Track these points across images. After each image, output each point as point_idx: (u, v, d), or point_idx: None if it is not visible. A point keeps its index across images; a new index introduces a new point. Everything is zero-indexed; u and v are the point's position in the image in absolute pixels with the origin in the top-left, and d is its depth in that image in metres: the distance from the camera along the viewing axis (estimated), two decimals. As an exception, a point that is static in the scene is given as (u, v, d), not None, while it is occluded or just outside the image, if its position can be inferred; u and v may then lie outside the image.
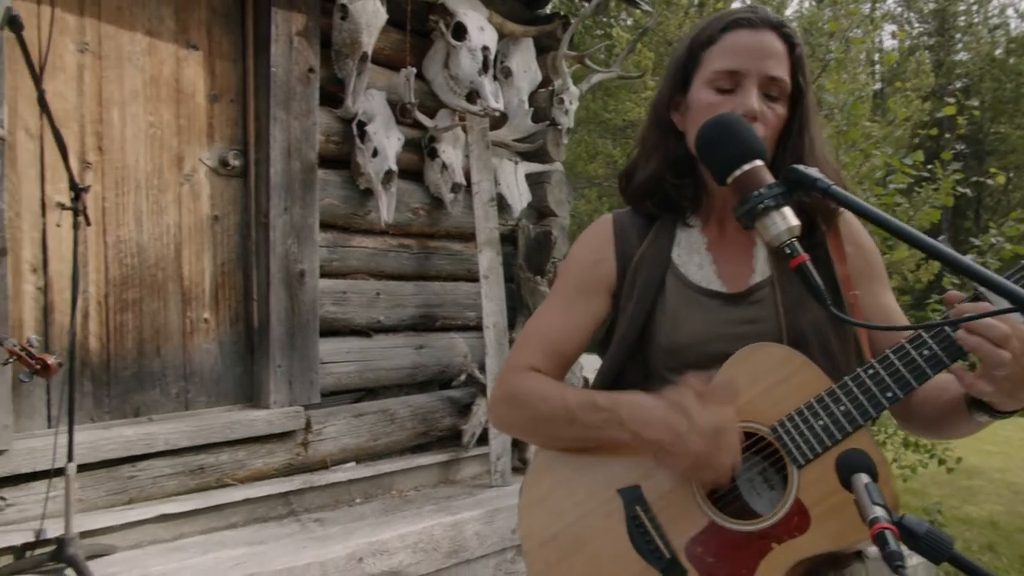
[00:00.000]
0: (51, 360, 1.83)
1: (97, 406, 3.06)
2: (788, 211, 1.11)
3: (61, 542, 2.60)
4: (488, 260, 3.86)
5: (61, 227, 2.95)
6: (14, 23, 2.17)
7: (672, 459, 1.16)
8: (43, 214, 2.93)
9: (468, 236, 4.17)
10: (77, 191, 2.66)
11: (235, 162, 3.39)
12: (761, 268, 1.35)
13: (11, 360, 1.83)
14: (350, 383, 3.67)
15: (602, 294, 1.40)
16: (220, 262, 3.39)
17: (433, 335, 4.02)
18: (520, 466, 3.89)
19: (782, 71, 1.29)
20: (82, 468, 2.71)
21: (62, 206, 2.73)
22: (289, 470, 3.38)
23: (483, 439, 3.90)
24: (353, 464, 3.57)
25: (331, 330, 3.59)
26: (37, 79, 2.39)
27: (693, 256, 1.38)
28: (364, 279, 3.76)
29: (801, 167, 1.12)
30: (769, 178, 1.13)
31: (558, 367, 1.39)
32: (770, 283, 1.32)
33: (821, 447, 1.14)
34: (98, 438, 2.86)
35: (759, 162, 1.14)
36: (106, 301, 3.08)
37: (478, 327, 4.25)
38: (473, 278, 4.21)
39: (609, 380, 1.37)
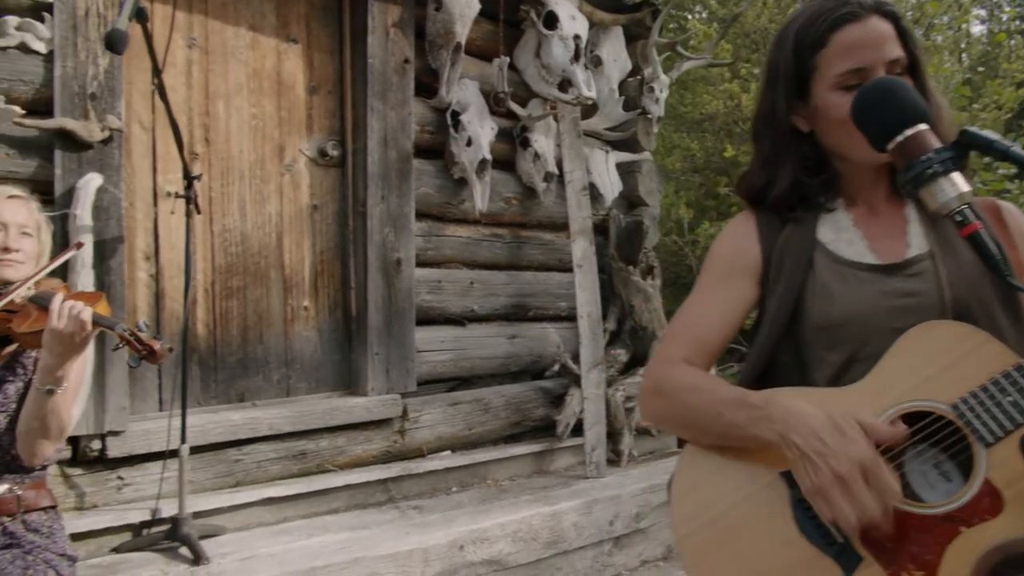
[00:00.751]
0: (158, 346, 1.86)
1: (204, 391, 3.13)
2: (958, 176, 1.05)
3: (176, 521, 2.67)
4: (581, 249, 3.83)
5: (173, 215, 3.03)
6: (141, 15, 2.24)
7: (812, 471, 1.07)
8: (155, 204, 3.02)
9: (559, 226, 4.14)
10: (190, 179, 2.73)
11: (333, 152, 3.44)
12: (917, 242, 1.28)
13: (121, 345, 1.87)
14: (445, 372, 3.68)
15: (748, 280, 1.36)
16: (319, 250, 3.44)
17: (525, 325, 4.01)
18: (614, 458, 3.85)
19: (898, 50, 1.26)
20: (192, 451, 2.77)
21: (176, 195, 2.81)
22: (386, 457, 3.41)
23: (576, 430, 3.86)
24: (448, 453, 3.58)
25: (426, 319, 3.61)
26: (158, 70, 2.46)
27: (842, 234, 1.33)
28: (458, 268, 3.77)
29: (973, 129, 1.06)
30: (936, 142, 1.07)
31: (706, 358, 1.34)
32: (929, 256, 1.26)
33: (1012, 424, 1.06)
34: (206, 422, 2.93)
35: (924, 126, 1.09)
36: (212, 288, 3.16)
37: (570, 317, 4.22)
38: (565, 268, 4.18)
39: (760, 368, 1.32)
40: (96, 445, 2.73)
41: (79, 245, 2.51)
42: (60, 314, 1.86)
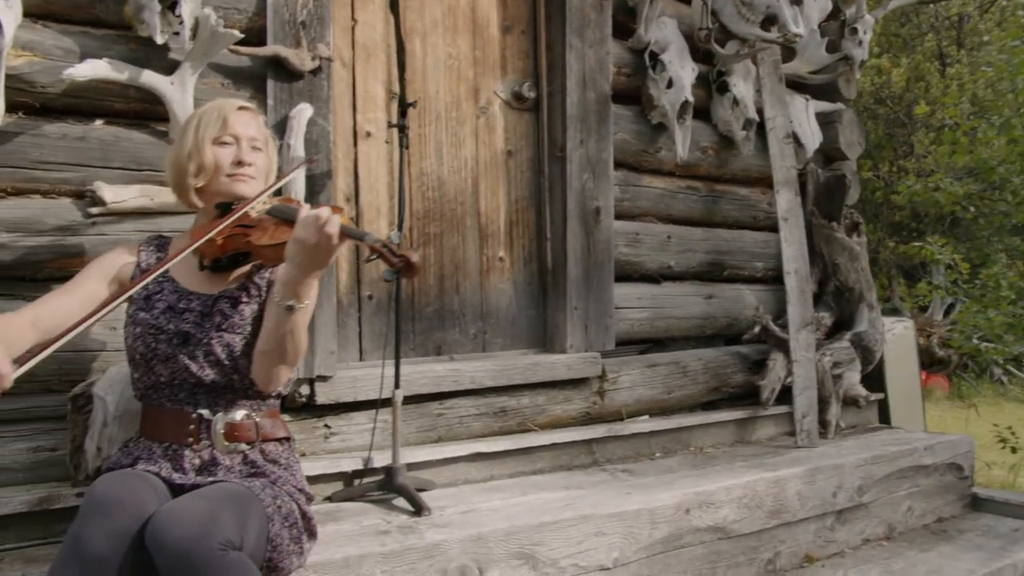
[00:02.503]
0: (415, 257, 1.68)
1: (404, 342, 2.97)
2: None
3: (390, 471, 2.52)
4: (786, 201, 3.52)
5: (371, 157, 2.90)
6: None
7: None
8: (355, 144, 2.89)
9: (754, 180, 3.84)
10: (404, 107, 2.57)
11: (529, 94, 3.24)
12: None
13: (373, 257, 1.69)
14: (641, 331, 3.43)
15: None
16: (514, 199, 3.25)
17: (720, 285, 3.72)
18: (820, 429, 3.51)
19: None
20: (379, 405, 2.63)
21: (389, 124, 2.66)
22: (585, 419, 3.19)
23: (779, 398, 3.55)
24: (646, 417, 3.33)
25: (622, 274, 3.36)
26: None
27: None
28: (652, 221, 3.52)
29: None
30: None
31: None
32: None
33: None
34: (410, 372, 2.77)
35: None
36: (410, 234, 3.01)
37: (764, 279, 3.91)
38: (758, 226, 3.87)
39: None
40: (304, 390, 2.60)
41: (311, 161, 2.39)
42: (307, 223, 1.70)
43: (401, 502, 2.49)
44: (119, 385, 2.22)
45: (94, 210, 2.33)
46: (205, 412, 1.88)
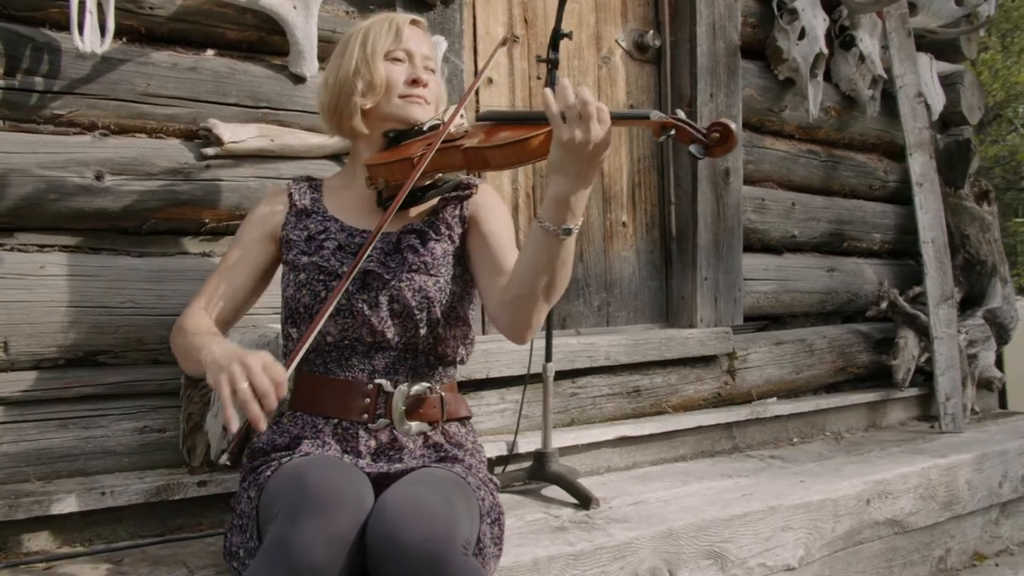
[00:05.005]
0: (731, 124, 1.31)
1: (526, 314, 2.66)
2: None
3: (541, 457, 2.20)
4: (920, 165, 3.23)
5: (491, 106, 2.57)
6: None
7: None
8: (476, 90, 2.56)
9: (871, 146, 3.55)
10: (558, 38, 2.23)
11: (654, 43, 2.92)
12: None
13: (669, 134, 1.33)
14: (766, 306, 3.13)
15: None
16: (636, 158, 2.93)
17: (840, 258, 3.42)
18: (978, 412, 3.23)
19: None
20: (529, 380, 2.31)
21: (538, 59, 2.33)
22: (716, 400, 2.88)
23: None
24: (775, 399, 3.03)
25: (747, 243, 3.06)
26: None
27: None
28: (773, 187, 3.21)
29: None
30: None
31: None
32: None
33: None
34: (540, 346, 2.45)
35: None
36: (532, 194, 2.69)
37: (880, 252, 3.63)
38: (874, 196, 3.58)
39: None
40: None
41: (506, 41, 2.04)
42: (571, 114, 1.28)
43: (555, 492, 2.17)
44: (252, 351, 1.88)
45: (209, 151, 2.00)
46: (384, 382, 1.54)
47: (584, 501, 2.07)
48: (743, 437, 2.82)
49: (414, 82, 1.64)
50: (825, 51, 3.05)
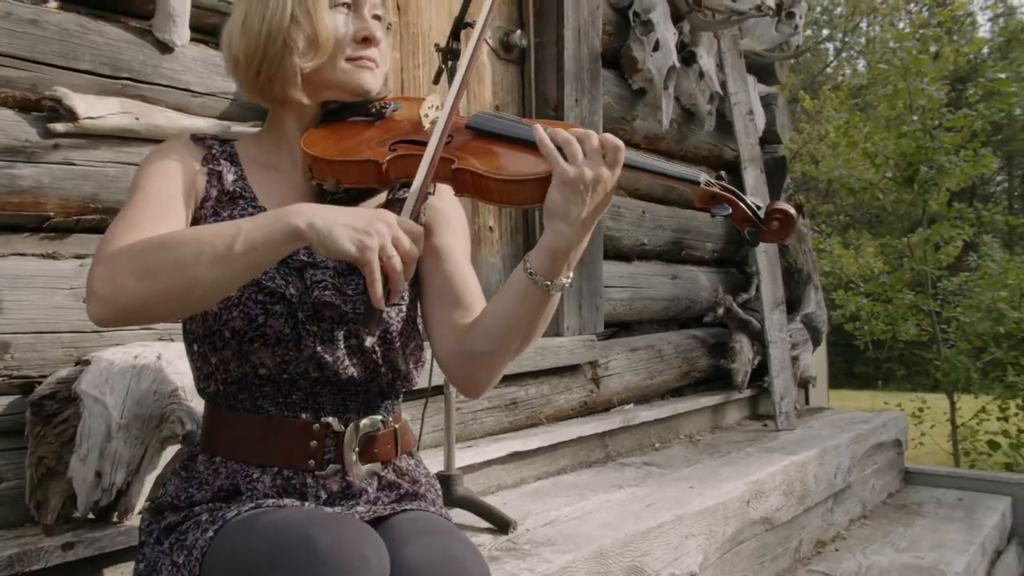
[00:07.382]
0: (795, 213, 1.18)
1: (401, 323, 2.46)
2: None
3: (447, 480, 2.02)
4: (754, 178, 3.43)
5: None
6: None
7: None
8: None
9: (703, 158, 3.72)
10: (458, 28, 2.08)
11: (520, 43, 2.84)
12: None
13: (723, 214, 1.18)
14: (621, 313, 3.15)
15: None
16: (504, 161, 2.82)
17: (679, 266, 3.55)
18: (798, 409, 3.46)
19: None
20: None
21: (437, 48, 2.12)
22: (583, 409, 2.85)
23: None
24: (632, 405, 3.06)
25: (604, 251, 3.07)
26: None
27: None
28: (624, 195, 3.26)
29: None
30: None
31: None
32: None
33: None
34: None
35: None
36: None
37: (711, 261, 3.81)
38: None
39: None
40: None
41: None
42: (592, 154, 1.11)
43: (463, 516, 2.00)
44: (121, 380, 1.54)
45: (59, 126, 1.62)
46: (332, 420, 1.26)
47: (502, 525, 1.93)
48: (614, 445, 2.81)
49: (365, 40, 1.29)
50: (677, 65, 3.14)
